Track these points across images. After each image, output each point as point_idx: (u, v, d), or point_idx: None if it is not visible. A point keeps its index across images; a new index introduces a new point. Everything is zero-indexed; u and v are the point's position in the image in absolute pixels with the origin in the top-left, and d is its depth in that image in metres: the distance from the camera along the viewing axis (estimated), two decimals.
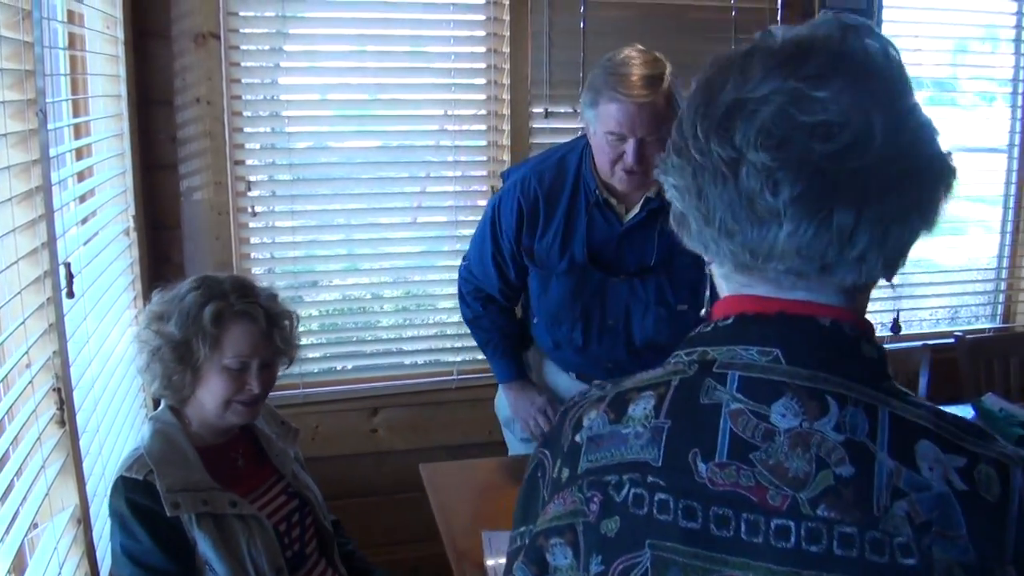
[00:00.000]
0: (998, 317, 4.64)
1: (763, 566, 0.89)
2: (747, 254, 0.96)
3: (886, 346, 3.99)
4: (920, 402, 0.95)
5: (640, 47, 2.53)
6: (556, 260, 2.66)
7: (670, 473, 0.94)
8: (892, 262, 0.96)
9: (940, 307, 4.66)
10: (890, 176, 0.91)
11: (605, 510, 0.96)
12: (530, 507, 1.07)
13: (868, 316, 1.02)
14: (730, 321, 1.00)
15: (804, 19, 3.10)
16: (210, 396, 2.18)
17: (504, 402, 2.97)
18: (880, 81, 0.93)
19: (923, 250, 4.61)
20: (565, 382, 2.90)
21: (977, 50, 4.65)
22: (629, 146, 2.41)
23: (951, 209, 1.00)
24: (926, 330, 4.57)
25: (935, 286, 4.57)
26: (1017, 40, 4.43)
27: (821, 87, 0.90)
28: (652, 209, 2.58)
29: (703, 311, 2.60)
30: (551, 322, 2.78)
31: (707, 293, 2.59)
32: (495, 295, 2.87)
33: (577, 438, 1.02)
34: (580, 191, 2.63)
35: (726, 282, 1.05)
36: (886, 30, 4.02)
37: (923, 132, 0.94)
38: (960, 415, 0.96)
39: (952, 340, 3.90)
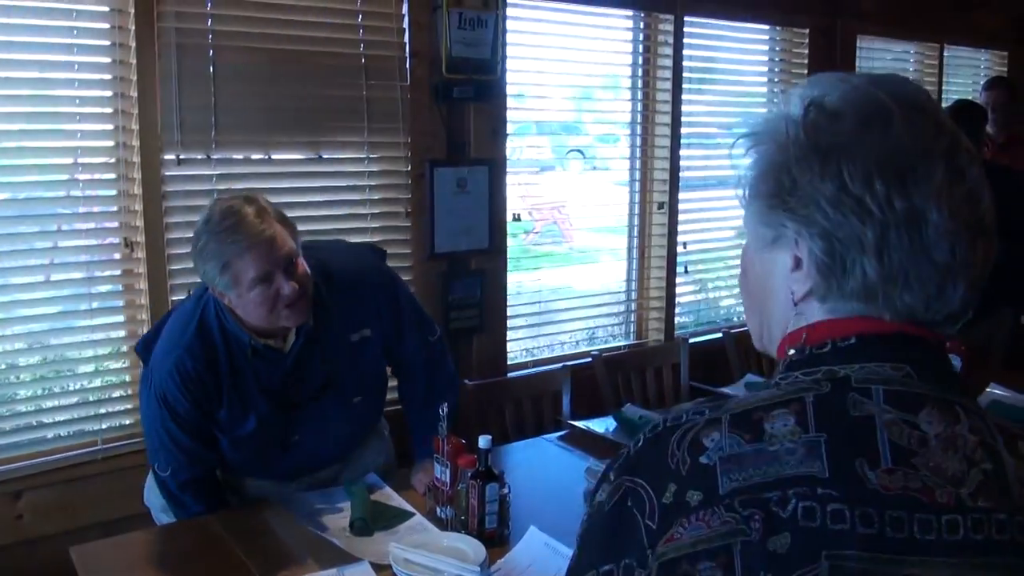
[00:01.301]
0: (631, 335, 5.06)
1: (940, 560, 0.94)
2: (922, 307, 1.05)
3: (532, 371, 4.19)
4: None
5: (223, 197, 2.64)
6: (242, 423, 2.62)
7: (841, 484, 0.96)
8: None
9: (579, 329, 4.93)
10: (995, 236, 1.06)
11: (769, 527, 0.95)
12: (625, 540, 1.03)
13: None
14: (852, 341, 1.06)
15: (432, 67, 3.20)
16: None
17: (158, 490, 2.80)
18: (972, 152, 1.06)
19: (561, 278, 4.93)
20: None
21: (600, 97, 5.03)
22: (280, 280, 2.44)
23: (585, 240, 1.09)
24: (567, 352, 4.82)
25: (573, 311, 4.84)
26: (633, 88, 4.91)
27: (957, 157, 1.03)
28: (308, 330, 2.61)
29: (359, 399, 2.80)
30: (241, 466, 2.78)
31: (370, 373, 2.80)
32: (210, 465, 2.73)
33: (703, 460, 1.01)
34: (234, 349, 2.58)
35: (825, 312, 1.10)
36: (512, 79, 4.25)
37: None
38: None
39: (589, 359, 4.15)
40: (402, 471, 2.98)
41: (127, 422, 3.51)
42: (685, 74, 4.94)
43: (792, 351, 1.11)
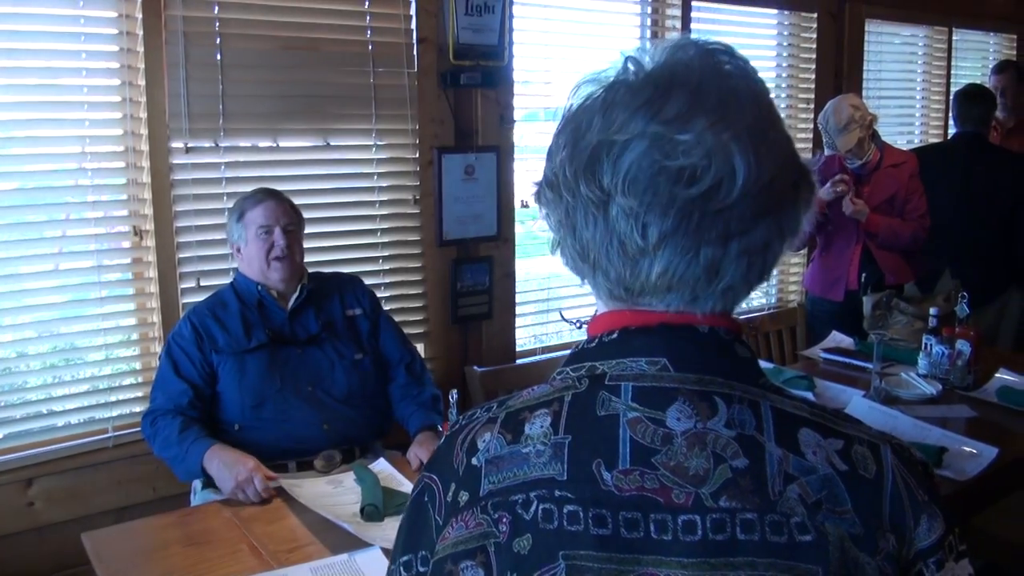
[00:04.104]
0: None
1: (674, 560, 0.94)
2: (621, 288, 1.02)
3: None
4: (793, 395, 1.06)
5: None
6: (244, 340, 3.05)
7: (576, 485, 0.97)
8: (755, 285, 1.04)
9: (588, 316, 4.87)
10: (753, 211, 0.97)
11: (515, 529, 0.98)
12: (420, 533, 1.07)
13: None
14: (615, 336, 1.05)
15: (439, 54, 3.23)
16: None
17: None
18: (741, 114, 0.97)
19: (559, 267, 4.90)
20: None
21: None
22: (277, 234, 3.10)
23: None
24: (576, 338, 4.78)
25: (581, 296, 4.78)
26: None
27: (683, 130, 0.95)
28: (310, 290, 3.19)
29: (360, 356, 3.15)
30: (255, 406, 3.00)
31: (366, 341, 3.25)
32: (190, 408, 2.98)
33: (474, 461, 1.03)
34: (242, 297, 3.14)
35: (600, 300, 1.09)
36: (519, 65, 4.25)
37: (784, 159, 1.00)
38: (826, 405, 1.07)
39: None
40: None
41: (137, 409, 3.50)
42: None
43: (583, 342, 1.11)
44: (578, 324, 4.46)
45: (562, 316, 4.64)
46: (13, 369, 3.39)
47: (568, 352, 1.11)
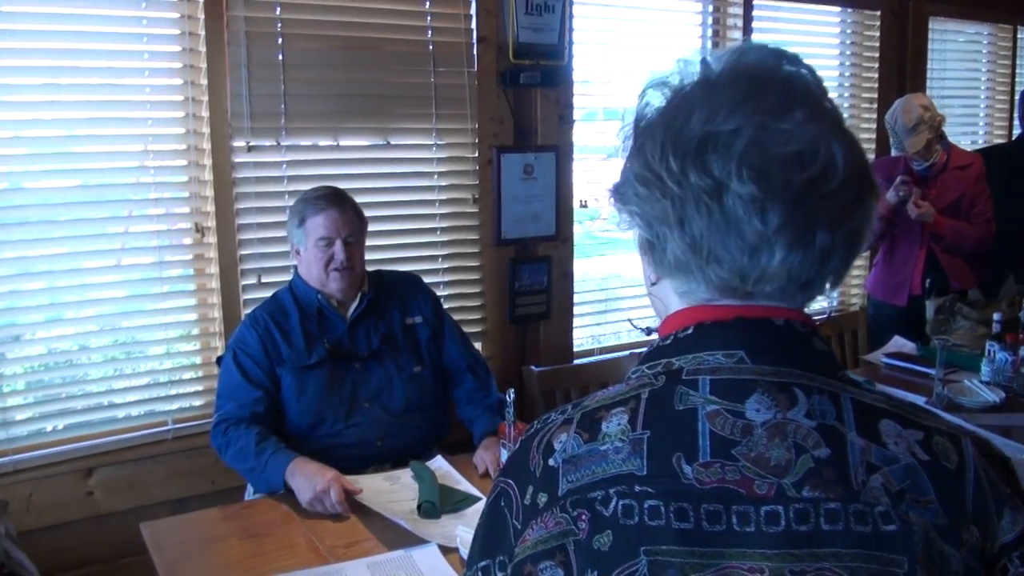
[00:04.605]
0: None
1: (758, 552, 0.93)
2: (737, 278, 1.01)
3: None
4: (872, 388, 1.06)
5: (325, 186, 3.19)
6: (306, 355, 3.00)
7: (656, 479, 0.97)
8: (847, 271, 1.06)
9: (646, 317, 4.86)
10: (851, 197, 1.00)
11: (595, 526, 0.97)
12: (498, 538, 1.06)
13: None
14: (690, 331, 1.05)
15: (499, 53, 3.23)
16: None
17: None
18: (826, 108, 1.02)
19: (627, 266, 4.88)
20: None
21: None
22: (337, 247, 3.00)
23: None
24: (634, 339, 4.78)
25: (640, 298, 4.75)
26: None
27: (784, 119, 0.98)
28: (370, 300, 3.11)
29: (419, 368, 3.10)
30: (314, 423, 2.98)
31: (425, 351, 3.18)
32: (260, 417, 2.93)
33: (551, 462, 1.03)
34: (302, 305, 3.08)
35: (680, 298, 1.09)
36: (579, 64, 4.25)
37: (863, 152, 1.03)
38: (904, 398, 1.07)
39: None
40: (464, 456, 2.99)
41: (197, 403, 3.57)
42: None
43: (658, 341, 1.10)
44: (648, 331, 4.45)
45: (632, 323, 4.61)
46: (75, 361, 3.45)
47: (630, 352, 1.10)
